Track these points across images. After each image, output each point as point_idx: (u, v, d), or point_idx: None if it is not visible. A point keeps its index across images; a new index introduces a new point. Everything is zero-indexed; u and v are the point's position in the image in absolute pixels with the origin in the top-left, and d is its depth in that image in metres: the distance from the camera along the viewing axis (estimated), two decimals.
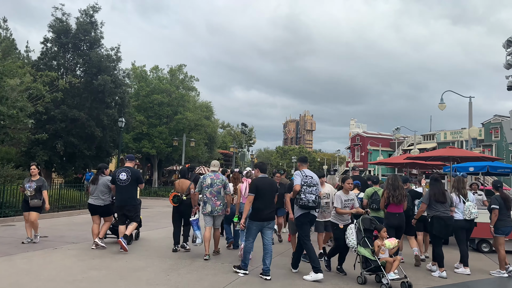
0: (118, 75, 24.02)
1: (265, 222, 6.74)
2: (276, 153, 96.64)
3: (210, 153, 42.15)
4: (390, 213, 7.69)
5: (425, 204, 7.65)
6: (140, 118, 31.42)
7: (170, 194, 8.83)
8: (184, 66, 34.17)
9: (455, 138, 64.27)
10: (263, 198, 6.71)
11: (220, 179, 8.21)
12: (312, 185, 6.72)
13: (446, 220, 7.42)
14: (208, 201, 8.00)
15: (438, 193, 7.50)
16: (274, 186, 7.13)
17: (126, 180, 8.52)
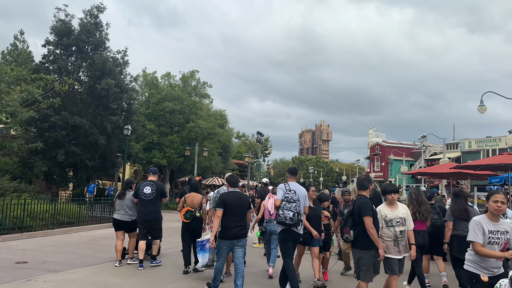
0: (124, 80, 22.07)
1: (235, 241, 6.25)
2: (292, 164, 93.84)
3: (224, 163, 39.97)
4: (414, 231, 6.50)
5: (450, 221, 6.98)
6: (151, 126, 29.47)
7: (182, 209, 8.18)
8: (197, 72, 32.22)
9: (481, 147, 60.83)
10: (231, 214, 6.23)
11: None
12: (292, 201, 6.36)
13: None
14: None
15: (459, 209, 6.91)
16: (243, 200, 6.45)
17: (151, 194, 8.33)
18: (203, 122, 29.83)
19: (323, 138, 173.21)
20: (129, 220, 8.68)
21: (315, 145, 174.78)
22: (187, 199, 8.22)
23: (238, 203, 6.32)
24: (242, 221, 6.35)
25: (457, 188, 10.76)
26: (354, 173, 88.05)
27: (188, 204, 8.11)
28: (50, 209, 14.77)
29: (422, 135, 34.98)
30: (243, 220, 6.39)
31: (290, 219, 6.26)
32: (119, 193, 8.89)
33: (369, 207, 5.47)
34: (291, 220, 6.26)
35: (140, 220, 8.42)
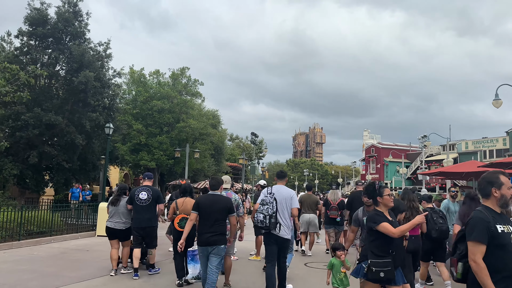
0: (106, 74, 19.95)
1: (208, 247, 5.91)
2: (287, 166, 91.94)
3: (217, 165, 37.92)
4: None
5: (459, 226, 6.40)
6: (138, 127, 27.33)
7: (176, 216, 7.48)
8: (188, 69, 30.17)
9: (478, 148, 59.48)
10: (204, 219, 5.98)
11: (233, 198, 7.18)
12: (265, 204, 6.21)
13: None
14: None
15: (468, 214, 5.41)
16: (219, 204, 6.05)
17: (147, 199, 7.94)
18: (194, 121, 27.76)
19: (317, 141, 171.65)
20: (124, 228, 8.17)
21: (309, 147, 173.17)
22: (179, 205, 7.50)
23: (211, 207, 5.96)
24: (215, 226, 5.91)
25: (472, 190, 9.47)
26: (349, 176, 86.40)
27: (182, 210, 7.40)
28: (17, 217, 12.68)
29: (423, 135, 33.27)
30: (217, 226, 5.92)
31: (260, 221, 6.13)
32: (113, 199, 8.37)
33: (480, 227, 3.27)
34: (261, 223, 6.13)
35: (135, 227, 7.97)
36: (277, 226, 6.18)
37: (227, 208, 6.06)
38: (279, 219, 6.22)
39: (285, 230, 6.30)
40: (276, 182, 6.78)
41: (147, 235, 8.00)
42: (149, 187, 8.15)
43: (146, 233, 7.95)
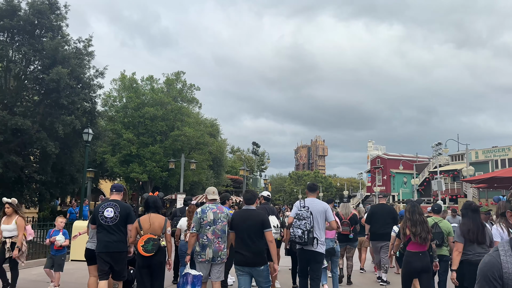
0: (86, 73, 17.27)
1: (246, 267, 5.45)
2: (289, 179, 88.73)
3: (217, 178, 34.95)
4: (411, 253, 5.94)
5: (460, 243, 5.50)
6: (128, 136, 24.54)
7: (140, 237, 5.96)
8: (183, 74, 27.47)
9: (488, 157, 56.48)
10: (237, 237, 5.59)
11: (224, 212, 6.14)
12: (302, 218, 6.03)
13: None
14: (209, 244, 5.89)
15: (473, 230, 5.46)
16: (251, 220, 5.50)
17: (114, 218, 6.36)
18: (190, 129, 24.94)
19: (319, 154, 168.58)
20: None
21: (311, 160, 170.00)
22: (143, 223, 6.15)
23: (244, 223, 5.53)
24: (250, 245, 5.42)
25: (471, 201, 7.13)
26: (354, 188, 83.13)
27: (146, 230, 6.06)
28: None
29: (438, 142, 30.46)
30: (252, 244, 5.42)
31: (299, 237, 5.98)
32: (92, 217, 6.88)
33: None
34: (300, 239, 5.98)
35: (99, 252, 6.41)
36: (314, 241, 6.02)
37: (260, 223, 5.54)
38: (315, 234, 6.05)
39: (320, 245, 6.15)
40: (308, 195, 6.58)
41: (116, 263, 6.40)
42: (116, 202, 6.58)
43: (114, 260, 6.36)
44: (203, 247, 5.98)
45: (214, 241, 6.00)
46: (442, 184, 31.05)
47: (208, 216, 6.08)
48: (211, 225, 6.04)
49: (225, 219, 6.18)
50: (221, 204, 8.80)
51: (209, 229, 6.02)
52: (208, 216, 6.08)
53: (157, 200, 6.53)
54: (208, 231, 6.00)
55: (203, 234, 6.02)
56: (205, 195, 6.66)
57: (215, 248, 5.97)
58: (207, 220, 6.06)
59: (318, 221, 6.19)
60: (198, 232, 6.05)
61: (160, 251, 6.01)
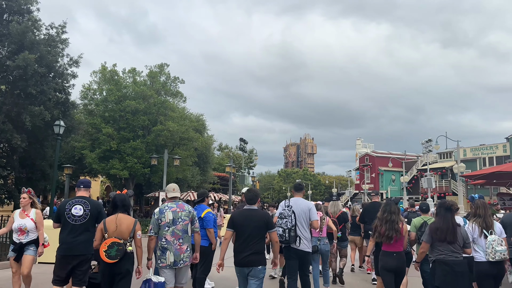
0: (59, 61, 15.98)
1: (245, 268, 5.33)
2: (278, 177, 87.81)
3: (203, 175, 33.80)
4: (386, 252, 5.91)
5: (426, 243, 5.51)
6: (108, 130, 23.24)
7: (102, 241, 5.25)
8: (167, 66, 26.23)
9: (476, 155, 56.41)
10: (238, 236, 5.42)
11: (186, 210, 5.74)
12: (283, 217, 6.08)
13: (453, 266, 5.23)
14: (169, 246, 5.49)
15: (443, 228, 5.33)
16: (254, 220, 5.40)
17: (83, 216, 5.77)
18: (174, 124, 23.73)
19: (308, 152, 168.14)
20: None
21: (300, 158, 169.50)
22: (109, 224, 5.37)
23: (247, 223, 5.40)
24: (251, 245, 5.32)
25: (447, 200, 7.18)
26: (342, 186, 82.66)
27: (112, 232, 5.28)
28: None
29: (428, 138, 29.82)
30: (253, 244, 5.32)
31: (280, 235, 5.94)
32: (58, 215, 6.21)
33: None
34: (281, 237, 5.96)
35: (62, 255, 5.63)
36: (297, 240, 6.08)
37: (264, 223, 5.45)
38: (298, 233, 6.13)
39: (305, 243, 6.22)
40: (294, 194, 6.72)
41: (79, 267, 5.70)
42: (86, 199, 6.03)
43: (79, 263, 5.68)
44: (163, 251, 5.56)
45: (174, 243, 5.58)
46: (432, 182, 30.38)
47: (166, 216, 5.63)
48: (170, 225, 5.60)
49: (187, 217, 5.74)
50: (200, 202, 7.85)
51: (168, 230, 5.58)
52: (167, 216, 5.63)
53: (125, 199, 5.80)
54: (167, 232, 5.57)
55: (162, 236, 5.60)
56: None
57: (176, 250, 5.56)
58: (165, 221, 5.62)
59: (301, 220, 6.25)
60: (157, 234, 5.64)
61: (126, 257, 5.31)
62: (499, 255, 5.52)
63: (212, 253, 7.74)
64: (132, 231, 5.42)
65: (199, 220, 7.63)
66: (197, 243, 6.01)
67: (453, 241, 5.33)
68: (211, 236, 7.58)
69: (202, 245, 7.54)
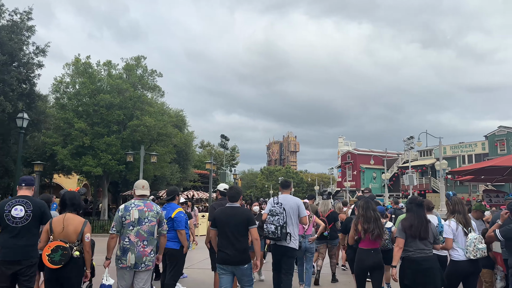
0: (23, 49, 14.77)
1: (230, 266, 5.34)
2: (261, 175, 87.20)
3: (183, 173, 32.79)
4: (363, 250, 5.81)
5: (401, 239, 5.30)
6: (80, 125, 22.00)
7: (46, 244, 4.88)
8: (144, 59, 25.06)
9: (456, 152, 56.89)
10: (220, 235, 5.42)
11: (154, 211, 5.37)
12: (275, 214, 6.12)
13: (422, 263, 5.13)
14: (131, 247, 5.15)
15: (416, 225, 5.22)
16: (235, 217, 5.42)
17: (24, 218, 5.21)
18: (151, 119, 22.66)
19: (291, 150, 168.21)
20: None
21: (283, 156, 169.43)
22: (55, 225, 4.95)
23: (228, 221, 5.40)
24: (234, 243, 5.30)
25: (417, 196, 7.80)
26: (325, 184, 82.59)
27: (58, 234, 4.88)
28: None
29: (410, 136, 29.62)
30: (236, 242, 5.30)
31: (272, 233, 6.06)
32: None
33: None
34: (273, 234, 6.05)
35: (1, 260, 5.04)
36: (288, 237, 6.12)
37: (246, 220, 5.40)
38: (288, 229, 6.15)
39: (293, 240, 6.26)
40: (281, 191, 6.73)
41: (24, 274, 5.19)
42: (28, 199, 5.46)
43: (22, 270, 5.17)
44: (124, 251, 5.23)
45: (137, 245, 5.24)
46: (413, 179, 30.23)
47: (132, 214, 5.27)
48: (134, 225, 5.25)
49: (154, 218, 5.37)
50: (170, 201, 7.26)
51: (133, 230, 5.23)
52: (132, 215, 5.26)
53: (75, 197, 5.36)
54: (131, 232, 5.23)
55: (125, 236, 5.25)
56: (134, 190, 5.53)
57: (138, 252, 5.22)
58: (130, 220, 5.26)
59: (291, 217, 6.30)
60: (119, 233, 5.29)
61: (71, 263, 4.90)
62: (480, 253, 5.45)
63: (184, 257, 7.14)
64: (80, 234, 5.00)
65: (169, 220, 6.90)
66: (161, 246, 5.70)
67: (425, 238, 5.25)
68: (182, 239, 6.93)
69: (172, 248, 6.98)
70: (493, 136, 51.80)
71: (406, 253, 5.29)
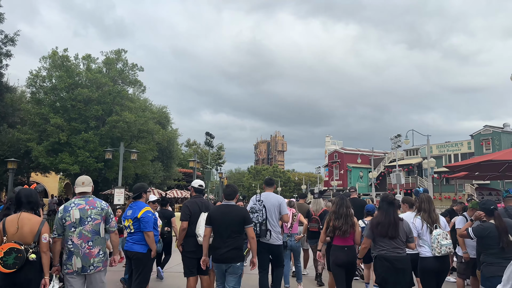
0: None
1: (223, 265, 5.35)
2: (248, 174, 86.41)
3: (166, 171, 31.78)
4: (337, 247, 5.81)
5: (367, 238, 5.29)
6: (57, 121, 20.89)
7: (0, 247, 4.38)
8: (125, 52, 24.00)
9: (442, 152, 56.99)
10: (216, 233, 5.45)
11: (97, 208, 4.95)
12: (254, 211, 6.12)
13: (394, 263, 5.03)
14: (75, 250, 4.75)
15: (385, 223, 5.11)
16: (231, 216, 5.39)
17: None
18: (131, 115, 21.65)
19: (278, 149, 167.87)
20: None
21: (270, 155, 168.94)
22: (8, 225, 4.50)
23: (224, 219, 5.40)
24: (229, 241, 5.31)
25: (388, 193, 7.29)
26: (312, 183, 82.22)
27: (11, 236, 4.44)
28: None
29: (397, 134, 29.21)
30: (231, 240, 5.31)
31: None
32: None
33: None
34: None
35: None
36: (268, 233, 6.15)
37: (241, 219, 5.39)
38: (269, 226, 6.20)
39: (275, 236, 6.28)
40: (265, 189, 6.78)
41: None
42: None
43: None
44: (69, 255, 4.83)
45: (82, 246, 4.83)
46: (401, 177, 29.75)
47: (72, 215, 4.83)
48: (76, 226, 4.82)
49: (99, 216, 4.94)
50: (136, 199, 6.66)
51: (75, 231, 4.82)
52: (72, 215, 4.83)
53: (31, 194, 4.88)
54: (74, 234, 4.81)
55: (68, 239, 4.83)
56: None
57: (84, 255, 4.82)
58: (70, 221, 4.83)
59: (271, 214, 6.35)
60: (61, 236, 4.85)
61: (27, 266, 4.46)
62: (445, 249, 5.46)
63: (152, 261, 6.44)
64: (37, 234, 4.55)
65: (135, 221, 6.12)
66: (114, 245, 5.30)
67: (395, 236, 5.14)
68: (150, 241, 6.25)
69: (138, 251, 6.20)
70: (479, 135, 52.01)
71: (379, 251, 5.20)
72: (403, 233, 5.21)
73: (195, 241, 6.43)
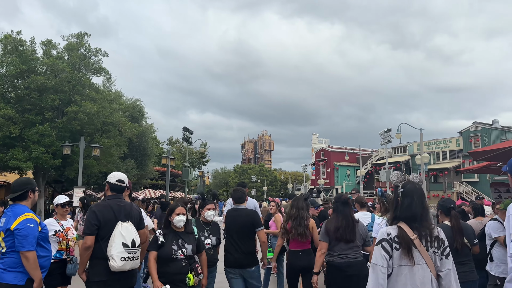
0: None
1: (237, 269, 5.18)
2: (234, 173, 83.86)
3: (141, 170, 29.12)
4: (292, 251, 5.43)
5: (324, 242, 4.77)
6: (7, 112, 18.12)
7: None
8: (88, 36, 21.28)
9: (430, 149, 55.41)
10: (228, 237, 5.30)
11: None
12: None
13: (346, 269, 4.63)
14: None
15: (343, 226, 4.73)
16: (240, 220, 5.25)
17: None
18: (93, 105, 18.99)
19: (266, 148, 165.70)
20: None
21: (257, 155, 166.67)
22: None
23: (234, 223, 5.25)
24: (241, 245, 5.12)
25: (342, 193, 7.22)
26: (298, 182, 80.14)
27: None
28: None
29: (387, 128, 27.25)
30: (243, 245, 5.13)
31: None
32: None
33: None
34: None
35: None
36: None
37: (251, 222, 5.17)
38: None
39: None
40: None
41: None
42: None
43: None
44: None
45: None
46: (391, 174, 27.78)
47: None
48: None
49: None
50: (18, 200, 4.63)
51: None
52: None
53: None
54: None
55: None
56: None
57: None
58: None
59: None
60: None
61: None
62: None
63: None
64: None
65: (8, 234, 4.05)
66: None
67: (352, 240, 4.73)
68: (30, 267, 3.97)
69: (9, 283, 4.02)
70: (468, 132, 50.61)
71: (330, 258, 4.84)
72: (359, 236, 4.83)
73: (106, 266, 4.09)
